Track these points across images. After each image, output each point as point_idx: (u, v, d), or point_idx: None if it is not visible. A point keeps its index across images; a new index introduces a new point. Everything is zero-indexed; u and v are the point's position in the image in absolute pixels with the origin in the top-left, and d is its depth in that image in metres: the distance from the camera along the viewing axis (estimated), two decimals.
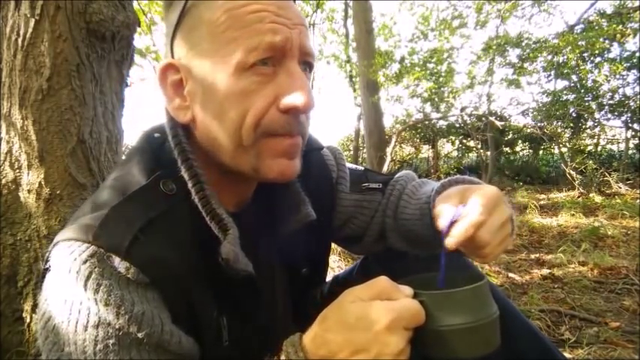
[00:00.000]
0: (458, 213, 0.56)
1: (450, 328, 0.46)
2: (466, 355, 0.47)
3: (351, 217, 0.84)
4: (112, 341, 0.46)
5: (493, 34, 7.42)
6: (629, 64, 6.41)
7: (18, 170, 1.23)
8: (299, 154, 0.59)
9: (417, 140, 9.48)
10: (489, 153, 7.53)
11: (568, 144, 7.19)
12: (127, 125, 1.58)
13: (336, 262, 2.49)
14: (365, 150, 8.27)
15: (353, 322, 0.45)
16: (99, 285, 0.46)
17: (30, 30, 1.18)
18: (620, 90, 6.59)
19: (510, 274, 2.45)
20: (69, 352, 0.47)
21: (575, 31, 6.94)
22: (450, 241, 0.55)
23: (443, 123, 8.74)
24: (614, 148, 8.35)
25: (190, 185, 0.55)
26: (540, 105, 7.17)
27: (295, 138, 0.57)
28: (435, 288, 0.49)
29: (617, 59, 6.56)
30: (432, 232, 0.72)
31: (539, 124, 7.07)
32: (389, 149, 6.61)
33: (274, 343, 0.50)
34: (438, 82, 7.29)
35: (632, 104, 6.40)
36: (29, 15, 1.18)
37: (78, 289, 0.46)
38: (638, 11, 6.24)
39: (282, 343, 0.49)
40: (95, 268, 0.46)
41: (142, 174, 0.55)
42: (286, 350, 0.47)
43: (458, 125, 8.58)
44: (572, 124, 7.17)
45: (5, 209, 1.23)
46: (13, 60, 1.21)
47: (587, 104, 6.57)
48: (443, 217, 0.58)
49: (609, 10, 6.92)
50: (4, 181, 1.24)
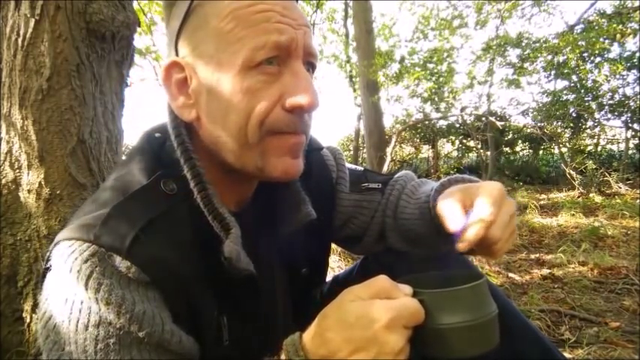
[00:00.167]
0: (469, 216, 0.57)
1: (450, 326, 0.47)
2: (465, 354, 0.47)
3: (351, 217, 0.84)
4: (112, 340, 0.46)
5: (493, 34, 7.43)
6: (629, 64, 6.41)
7: (18, 170, 1.23)
8: (302, 152, 0.60)
9: (417, 140, 9.48)
10: (489, 153, 7.54)
11: (568, 144, 7.20)
12: (127, 125, 1.59)
13: (336, 262, 2.49)
14: (365, 150, 8.26)
15: (352, 321, 0.45)
16: (100, 284, 0.46)
17: (30, 30, 1.18)
18: (620, 90, 6.61)
19: (510, 274, 2.45)
20: (69, 352, 0.47)
21: (575, 31, 6.94)
22: (463, 246, 0.57)
23: (443, 123, 8.74)
24: (614, 148, 8.36)
25: (193, 184, 0.55)
26: (540, 105, 7.17)
27: (299, 136, 0.57)
28: (435, 287, 0.49)
29: (617, 59, 6.56)
30: (432, 231, 0.73)
31: (539, 124, 7.07)
32: (389, 149, 6.61)
33: (274, 342, 0.50)
34: (438, 82, 7.29)
35: (632, 104, 6.40)
36: (29, 15, 1.18)
37: (79, 288, 0.46)
38: (638, 11, 6.24)
39: (282, 342, 0.49)
40: (96, 267, 0.47)
41: (143, 174, 0.56)
42: (286, 350, 0.47)
43: (458, 125, 8.58)
44: (572, 124, 7.17)
45: (5, 209, 1.23)
46: (13, 60, 1.21)
47: (587, 104, 6.58)
48: (452, 219, 0.59)
49: (609, 10, 6.92)
50: (4, 181, 1.24)
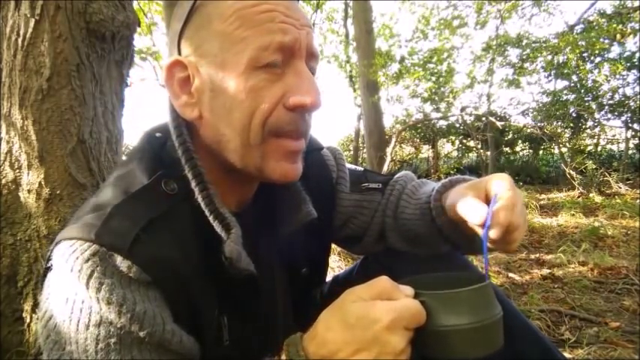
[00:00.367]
0: (494, 202, 0.55)
1: (451, 328, 0.46)
2: (467, 356, 0.47)
3: (351, 217, 0.84)
4: (113, 340, 0.46)
5: (493, 34, 7.43)
6: (629, 64, 6.42)
7: (18, 170, 1.23)
8: (301, 156, 0.60)
9: (417, 140, 9.49)
10: (489, 153, 7.54)
11: (568, 144, 7.19)
12: (127, 125, 1.59)
13: (336, 262, 2.49)
14: (365, 150, 8.26)
15: (354, 321, 0.45)
16: (101, 284, 0.46)
17: (30, 30, 1.18)
18: (620, 90, 6.62)
19: (510, 274, 2.45)
20: (70, 351, 0.47)
21: (575, 31, 6.95)
22: (496, 232, 0.54)
23: (443, 123, 8.74)
24: (614, 148, 8.36)
25: (194, 184, 0.55)
26: (540, 105, 7.18)
27: (299, 142, 0.58)
28: (436, 288, 0.48)
29: (617, 59, 6.56)
30: (433, 231, 0.73)
31: (539, 124, 7.07)
32: (389, 149, 6.60)
33: (274, 342, 0.50)
34: (438, 82, 7.29)
35: (632, 104, 6.41)
36: (29, 15, 1.18)
37: (80, 287, 0.46)
38: (638, 11, 6.24)
39: (283, 342, 0.49)
40: (97, 266, 0.47)
41: (144, 173, 0.56)
42: (287, 350, 0.47)
43: (458, 125, 8.58)
44: (572, 124, 7.18)
45: (5, 209, 1.23)
46: (13, 60, 1.21)
47: (587, 104, 6.58)
48: (474, 211, 0.57)
49: (609, 10, 6.94)
50: (4, 181, 1.24)
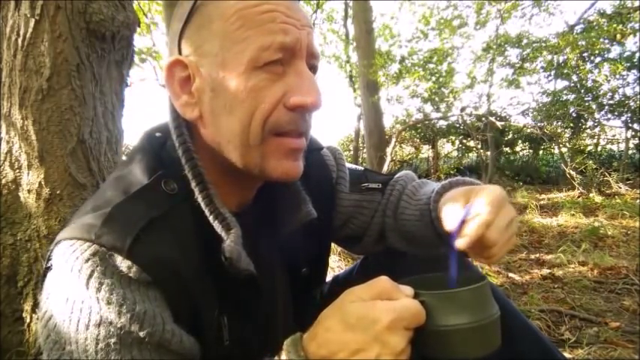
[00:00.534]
0: (467, 212, 0.56)
1: (451, 328, 0.46)
2: (467, 355, 0.47)
3: (351, 217, 0.84)
4: (113, 340, 0.46)
5: (493, 34, 7.42)
6: (629, 64, 6.42)
7: (18, 170, 1.23)
8: (302, 155, 0.60)
9: (417, 140, 9.48)
10: (489, 153, 7.52)
11: (568, 144, 7.19)
12: (127, 125, 1.59)
13: (336, 262, 2.49)
14: (365, 150, 8.26)
15: (353, 321, 0.45)
16: (101, 284, 0.46)
17: (30, 30, 1.18)
18: (620, 90, 6.62)
19: (510, 274, 2.45)
20: (70, 351, 0.47)
21: (575, 31, 6.96)
22: (462, 242, 0.55)
23: (443, 123, 8.73)
24: (614, 148, 8.37)
25: (194, 184, 0.55)
26: (540, 105, 7.17)
27: (300, 140, 0.58)
28: (436, 288, 0.49)
29: (617, 59, 6.56)
30: (433, 232, 0.73)
31: (539, 124, 7.06)
32: (389, 149, 6.60)
33: (274, 342, 0.50)
34: (438, 82, 7.29)
35: (632, 104, 6.40)
36: (29, 15, 1.18)
37: (79, 287, 0.46)
38: (638, 11, 6.24)
39: (283, 342, 0.49)
40: (97, 266, 0.47)
41: (144, 173, 0.56)
42: (287, 350, 0.47)
43: (458, 125, 8.58)
44: (572, 124, 7.18)
45: (5, 209, 1.23)
46: (13, 60, 1.21)
47: (587, 104, 6.58)
48: (450, 218, 0.58)
49: (609, 10, 6.93)
50: (4, 181, 1.24)
